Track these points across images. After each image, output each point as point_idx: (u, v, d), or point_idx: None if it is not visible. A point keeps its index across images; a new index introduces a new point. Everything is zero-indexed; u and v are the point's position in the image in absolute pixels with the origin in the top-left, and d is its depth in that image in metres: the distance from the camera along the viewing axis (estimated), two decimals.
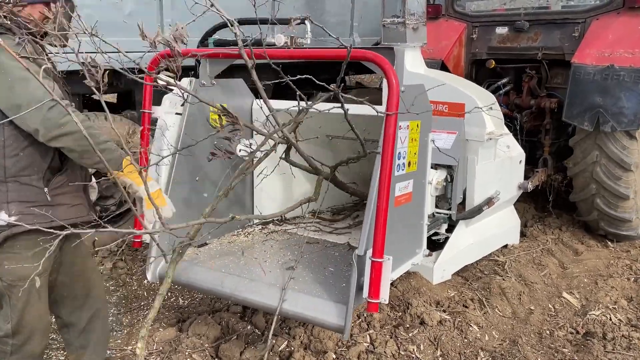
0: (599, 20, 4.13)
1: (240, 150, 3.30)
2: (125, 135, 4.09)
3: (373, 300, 2.21)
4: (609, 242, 4.35)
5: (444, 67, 4.83)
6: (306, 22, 2.93)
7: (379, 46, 3.80)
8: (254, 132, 3.32)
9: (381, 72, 2.22)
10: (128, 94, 4.61)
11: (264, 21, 4.09)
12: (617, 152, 3.93)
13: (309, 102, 2.49)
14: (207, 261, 2.84)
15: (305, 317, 2.45)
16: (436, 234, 3.61)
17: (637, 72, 3.73)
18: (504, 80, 4.76)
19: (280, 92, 5.51)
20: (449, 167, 3.41)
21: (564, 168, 4.49)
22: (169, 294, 3.50)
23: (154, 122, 2.88)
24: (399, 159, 2.50)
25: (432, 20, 5.04)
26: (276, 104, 3.32)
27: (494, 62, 4.72)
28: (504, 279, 3.66)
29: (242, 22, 3.70)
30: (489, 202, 3.64)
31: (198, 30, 4.18)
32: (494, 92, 4.72)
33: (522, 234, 4.38)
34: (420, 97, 2.62)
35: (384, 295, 2.22)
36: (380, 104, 2.87)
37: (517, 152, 4.01)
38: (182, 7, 4.16)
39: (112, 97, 5.79)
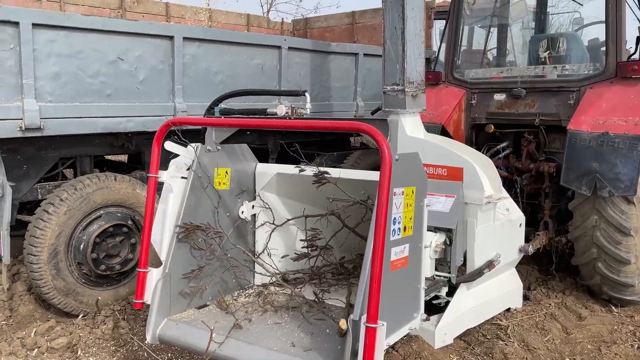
0: (593, 88, 4.28)
1: (242, 212, 3.40)
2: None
3: None
4: (613, 307, 4.30)
5: (444, 131, 4.97)
6: (306, 94, 3.09)
7: (374, 117, 3.94)
8: (257, 195, 3.43)
9: (375, 143, 2.32)
10: (138, 154, 4.77)
11: (267, 92, 4.31)
12: (616, 217, 3.96)
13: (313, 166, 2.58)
14: (206, 323, 2.86)
15: None
16: (437, 297, 3.61)
17: (631, 139, 3.82)
18: (504, 144, 4.87)
19: (285, 151, 5.68)
20: (448, 230, 3.47)
21: (565, 231, 4.52)
22: (167, 355, 3.50)
23: (160, 186, 2.99)
24: (394, 224, 2.57)
25: (432, 86, 5.24)
26: (280, 168, 3.45)
27: (493, 127, 4.86)
28: (506, 344, 3.62)
29: (246, 93, 3.91)
30: (490, 265, 3.65)
31: (207, 96, 4.40)
32: (493, 155, 4.84)
33: (526, 297, 4.36)
34: (414, 164, 2.73)
35: None
36: None
37: (517, 215, 4.06)
38: (193, 74, 4.41)
39: (123, 157, 5.98)
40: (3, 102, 3.43)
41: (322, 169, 2.61)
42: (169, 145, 2.93)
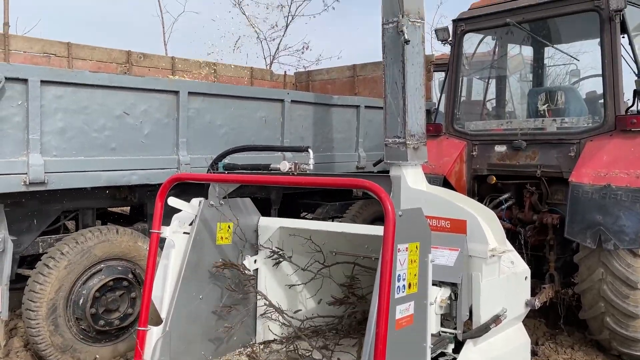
0: (593, 141, 4.32)
1: (244, 267, 3.37)
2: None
3: None
4: None
5: (446, 182, 4.99)
6: (309, 149, 3.12)
7: (376, 173, 3.95)
8: (258, 249, 3.40)
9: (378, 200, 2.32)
10: (140, 206, 4.78)
11: (271, 148, 4.35)
12: (622, 270, 3.92)
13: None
14: None
15: None
16: (443, 354, 3.52)
17: (634, 192, 3.83)
18: (506, 196, 4.87)
19: (287, 201, 5.69)
20: (452, 285, 3.42)
21: (571, 283, 4.46)
22: None
23: (162, 241, 2.98)
24: (398, 281, 2.53)
25: (433, 137, 5.29)
26: (283, 221, 3.44)
27: (494, 178, 4.87)
28: None
29: (250, 148, 3.95)
30: (496, 319, 3.58)
31: (210, 148, 4.45)
32: (496, 206, 4.83)
33: (534, 353, 4.25)
34: (418, 219, 2.72)
35: None
36: None
37: (522, 268, 4.00)
38: (197, 127, 4.47)
39: (125, 209, 5.98)
40: (8, 157, 3.46)
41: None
42: (173, 201, 2.94)
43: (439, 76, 8.43)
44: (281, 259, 3.36)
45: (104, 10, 26.14)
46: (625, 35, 4.33)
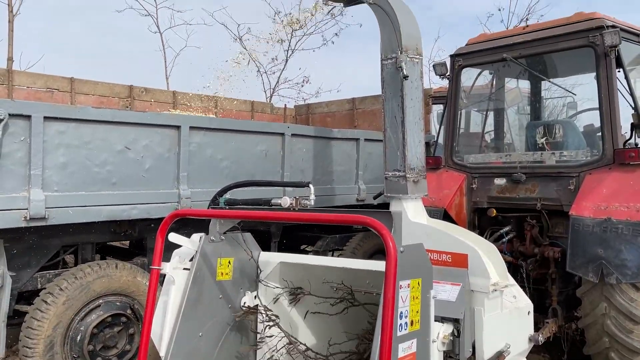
0: (592, 174, 4.33)
1: (244, 303, 3.34)
2: None
3: None
4: None
5: (446, 215, 4.98)
6: (310, 185, 3.13)
7: (378, 210, 3.95)
8: (258, 286, 3.38)
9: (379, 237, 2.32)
10: (140, 240, 4.76)
11: (272, 184, 4.36)
12: (626, 305, 3.88)
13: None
14: None
15: None
16: None
17: (634, 226, 3.82)
18: (507, 229, 4.86)
19: (287, 234, 5.67)
20: (455, 321, 3.38)
21: (574, 317, 4.41)
22: None
23: (162, 276, 2.96)
24: (400, 319, 2.51)
25: (433, 170, 5.31)
26: (283, 257, 3.43)
27: (495, 211, 4.87)
28: None
29: (251, 184, 3.97)
30: (500, 356, 3.53)
31: (211, 182, 4.46)
32: (497, 239, 4.81)
33: None
34: (419, 255, 2.71)
35: None
36: None
37: (525, 303, 3.97)
38: (198, 161, 4.49)
39: (125, 242, 5.95)
40: (10, 193, 3.46)
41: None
42: (173, 237, 2.93)
43: (437, 108, 8.53)
44: (300, 295, 3.31)
45: (106, 43, 26.58)
46: (621, 69, 4.40)
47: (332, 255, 6.11)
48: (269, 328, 3.36)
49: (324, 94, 18.96)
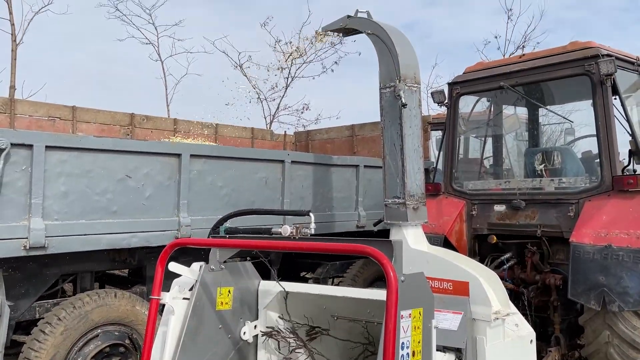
0: (591, 201, 4.34)
1: (244, 333, 3.31)
2: None
3: None
4: None
5: (447, 242, 4.97)
6: (310, 214, 3.14)
7: (378, 239, 3.92)
8: (258, 315, 3.35)
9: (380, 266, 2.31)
10: (139, 269, 4.73)
11: (272, 212, 4.37)
12: (629, 333, 3.85)
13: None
14: None
15: None
16: None
17: (635, 253, 3.82)
18: (507, 255, 4.84)
19: (287, 261, 5.65)
20: (457, 350, 3.34)
21: (577, 345, 4.36)
22: None
23: (161, 307, 2.94)
24: (402, 349, 2.49)
25: (432, 196, 5.32)
26: (283, 286, 3.40)
27: (495, 238, 4.87)
28: None
29: (251, 212, 3.97)
30: None
31: (211, 209, 4.46)
32: (498, 266, 4.79)
33: None
34: (420, 284, 2.70)
35: None
36: None
37: (527, 331, 3.92)
38: (198, 189, 4.50)
39: (124, 270, 5.92)
40: (10, 222, 3.45)
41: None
42: (173, 267, 2.92)
43: (436, 134, 8.58)
44: (320, 334, 3.27)
45: (108, 71, 26.87)
46: (617, 97, 4.45)
47: (332, 283, 6.08)
48: (292, 352, 3.31)
49: (324, 120, 19.11)
